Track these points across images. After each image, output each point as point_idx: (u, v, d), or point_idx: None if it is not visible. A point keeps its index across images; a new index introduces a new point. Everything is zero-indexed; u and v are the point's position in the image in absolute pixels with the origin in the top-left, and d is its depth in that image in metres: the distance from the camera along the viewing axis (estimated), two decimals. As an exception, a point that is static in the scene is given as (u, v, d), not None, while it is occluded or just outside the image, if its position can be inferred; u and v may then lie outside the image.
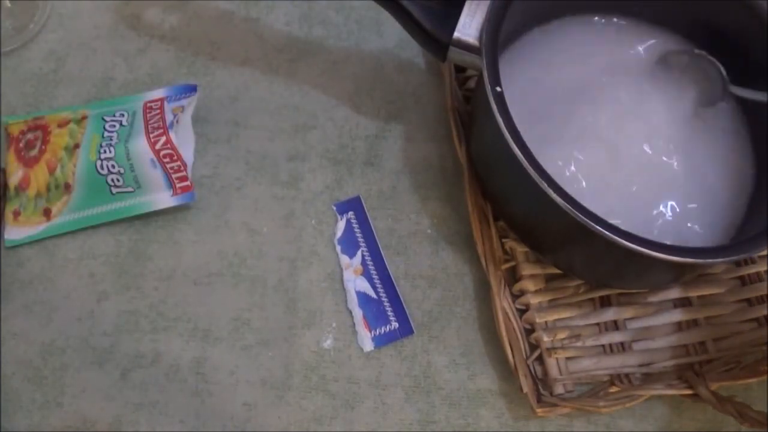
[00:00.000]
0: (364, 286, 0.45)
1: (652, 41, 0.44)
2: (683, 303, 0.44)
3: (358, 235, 0.46)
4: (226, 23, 0.51)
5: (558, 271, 0.44)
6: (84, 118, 0.47)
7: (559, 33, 0.44)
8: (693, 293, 0.44)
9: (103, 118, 0.46)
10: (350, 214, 0.46)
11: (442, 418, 0.42)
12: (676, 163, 0.40)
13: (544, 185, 0.33)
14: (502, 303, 0.42)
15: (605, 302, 0.44)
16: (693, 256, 0.34)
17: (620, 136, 0.40)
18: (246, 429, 0.42)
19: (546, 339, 0.43)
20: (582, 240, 0.36)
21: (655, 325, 0.44)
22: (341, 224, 0.46)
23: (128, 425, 0.41)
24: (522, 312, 0.44)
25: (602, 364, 0.43)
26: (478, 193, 0.44)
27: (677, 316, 0.44)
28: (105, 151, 0.44)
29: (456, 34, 0.38)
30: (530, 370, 0.41)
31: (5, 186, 0.46)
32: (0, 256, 0.45)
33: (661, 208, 0.39)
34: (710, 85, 0.41)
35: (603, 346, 0.43)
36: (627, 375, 0.42)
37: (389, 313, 0.44)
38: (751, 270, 0.45)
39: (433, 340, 0.44)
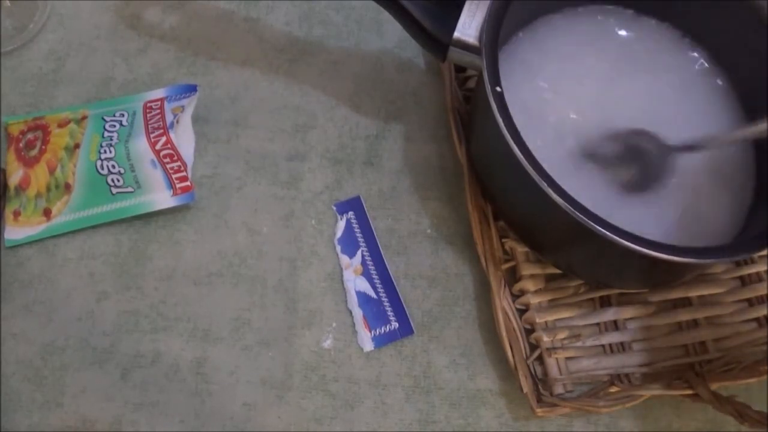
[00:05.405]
0: (364, 286, 0.45)
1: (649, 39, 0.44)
2: (683, 303, 0.44)
3: (358, 235, 0.46)
4: (226, 23, 0.51)
5: (558, 271, 0.44)
6: (84, 118, 0.47)
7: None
8: (693, 293, 0.44)
9: (103, 118, 0.46)
10: (350, 214, 0.46)
11: (442, 418, 0.42)
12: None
13: (544, 185, 0.33)
14: (502, 303, 0.42)
15: (605, 302, 0.44)
16: (693, 256, 0.34)
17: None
18: (246, 429, 0.42)
19: (546, 339, 0.43)
20: (582, 240, 0.36)
21: (655, 325, 0.44)
22: (341, 224, 0.46)
23: (128, 425, 0.41)
24: (522, 312, 0.44)
25: (602, 364, 0.43)
26: (478, 193, 0.44)
27: (677, 316, 0.44)
28: (105, 151, 0.44)
29: (456, 34, 0.38)
30: (530, 370, 0.41)
31: (5, 186, 0.46)
32: (0, 256, 0.45)
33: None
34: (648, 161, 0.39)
35: (603, 346, 0.43)
36: (627, 375, 0.42)
37: (389, 313, 0.44)
38: (751, 270, 0.45)
39: (433, 340, 0.44)
